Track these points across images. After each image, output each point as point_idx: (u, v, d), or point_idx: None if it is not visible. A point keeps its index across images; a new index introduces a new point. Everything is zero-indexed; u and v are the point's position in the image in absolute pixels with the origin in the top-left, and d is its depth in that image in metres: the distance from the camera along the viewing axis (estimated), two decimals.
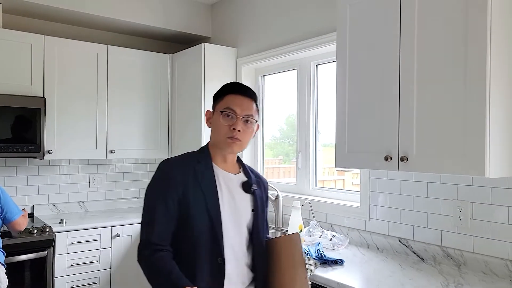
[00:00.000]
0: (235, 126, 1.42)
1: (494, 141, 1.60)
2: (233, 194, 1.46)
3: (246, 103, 1.46)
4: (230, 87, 1.50)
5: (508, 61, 1.69)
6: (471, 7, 1.61)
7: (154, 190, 1.42)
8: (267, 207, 1.62)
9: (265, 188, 1.61)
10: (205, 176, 1.43)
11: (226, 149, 1.46)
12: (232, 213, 1.44)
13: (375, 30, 1.95)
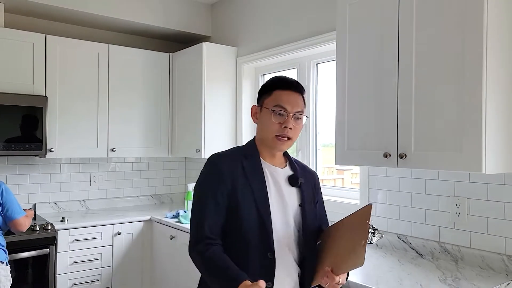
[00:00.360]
0: (287, 124, 1.41)
1: (490, 138, 1.63)
2: (281, 188, 1.44)
3: (296, 99, 1.43)
4: (278, 83, 1.46)
5: (504, 60, 1.72)
6: (468, 6, 1.64)
7: (203, 184, 1.41)
8: (319, 200, 1.57)
9: (315, 181, 1.57)
10: (253, 171, 1.42)
11: (275, 148, 1.45)
12: (280, 208, 1.41)
13: (374, 29, 1.98)
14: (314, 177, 1.58)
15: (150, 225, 3.26)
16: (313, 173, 1.60)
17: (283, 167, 1.50)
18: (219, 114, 3.38)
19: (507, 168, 1.76)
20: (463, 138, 1.65)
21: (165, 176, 3.98)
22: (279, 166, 1.49)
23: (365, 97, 2.01)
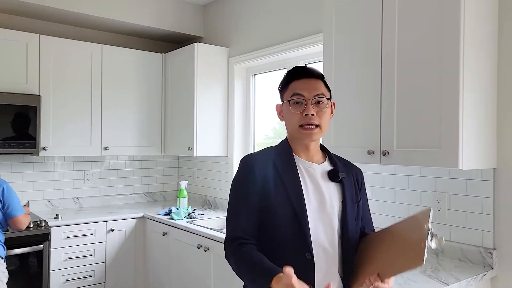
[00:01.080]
0: (307, 111, 1.32)
1: (467, 136, 1.72)
2: (319, 184, 1.36)
3: (313, 84, 1.35)
4: (292, 73, 1.40)
5: (480, 61, 1.81)
6: (445, 11, 1.73)
7: (237, 185, 1.39)
8: (363, 197, 1.47)
9: (358, 176, 1.47)
10: (286, 169, 1.36)
11: (304, 139, 1.36)
12: (319, 205, 1.34)
13: (359, 31, 2.06)
14: (357, 174, 1.47)
15: (143, 222, 3.32)
16: (356, 169, 1.49)
17: (321, 162, 1.41)
18: (211, 113, 3.44)
19: (484, 165, 1.85)
20: (442, 136, 1.74)
21: (158, 174, 4.03)
22: (317, 162, 1.40)
23: (350, 97, 2.09)
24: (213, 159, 3.67)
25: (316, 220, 1.32)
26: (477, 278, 1.81)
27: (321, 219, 1.33)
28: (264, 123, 3.47)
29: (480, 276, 1.82)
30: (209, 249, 2.61)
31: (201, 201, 3.79)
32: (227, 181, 3.50)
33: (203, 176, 3.81)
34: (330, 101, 1.39)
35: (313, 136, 1.34)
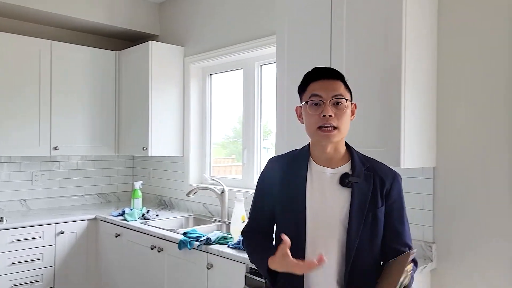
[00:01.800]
0: (325, 112, 1.29)
1: (409, 136, 1.82)
2: (325, 191, 1.33)
3: (331, 85, 1.32)
4: (311, 75, 1.37)
5: (422, 67, 1.91)
6: (389, 17, 1.82)
7: (257, 184, 1.50)
8: (392, 206, 1.35)
9: (387, 182, 1.35)
10: (297, 173, 1.36)
11: (322, 141, 1.32)
12: (321, 212, 1.32)
13: (310, 33, 2.12)
14: (386, 180, 1.35)
15: (95, 223, 3.23)
16: (388, 174, 1.37)
17: (340, 165, 1.36)
18: (166, 113, 3.41)
19: (424, 163, 1.97)
20: (386, 137, 1.83)
21: (112, 174, 3.94)
22: (336, 166, 1.35)
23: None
24: (168, 159, 3.63)
25: (317, 226, 1.32)
26: (418, 270, 1.90)
27: (322, 227, 1.31)
28: (225, 123, 3.47)
29: (420, 268, 1.92)
30: (163, 250, 2.59)
31: (157, 201, 3.75)
32: (183, 181, 3.48)
33: (159, 176, 3.76)
34: (350, 102, 1.35)
35: (330, 138, 1.30)
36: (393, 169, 1.41)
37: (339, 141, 1.34)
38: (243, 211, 2.51)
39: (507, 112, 1.83)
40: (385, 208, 1.35)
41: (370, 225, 1.31)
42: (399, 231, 1.37)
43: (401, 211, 1.38)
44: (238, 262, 2.12)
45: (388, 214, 1.35)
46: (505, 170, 1.83)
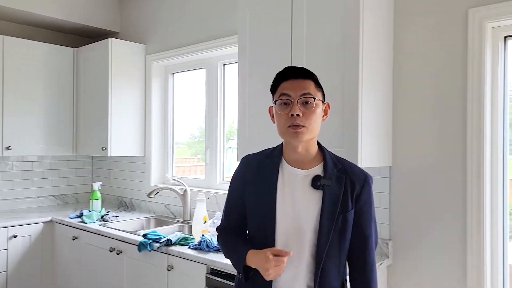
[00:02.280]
0: (293, 111, 1.28)
1: (366, 137, 1.87)
2: (295, 193, 1.32)
3: (300, 84, 1.31)
4: (281, 74, 1.36)
5: (379, 70, 1.97)
6: (347, 19, 1.86)
7: (230, 182, 1.49)
8: (362, 209, 1.35)
9: (357, 185, 1.35)
10: (268, 173, 1.35)
11: (292, 141, 1.31)
12: (292, 214, 1.31)
13: (271, 33, 2.13)
14: (357, 182, 1.35)
15: (51, 226, 3.11)
16: (359, 177, 1.37)
17: (312, 167, 1.35)
18: (127, 112, 3.33)
19: (381, 163, 2.02)
20: (344, 137, 1.87)
21: (70, 175, 3.81)
22: (306, 167, 1.34)
23: (265, 97, 2.15)
24: (129, 159, 3.55)
25: (287, 228, 1.31)
26: None
27: (292, 229, 1.31)
28: (190, 122, 3.43)
29: (377, 265, 1.97)
30: (122, 252, 2.53)
31: (117, 202, 3.66)
32: (144, 181, 3.41)
33: (119, 176, 3.67)
34: (321, 101, 1.34)
35: (299, 136, 1.28)
36: (364, 171, 1.41)
37: (309, 140, 1.33)
38: (205, 211, 2.49)
39: (460, 113, 1.91)
40: (354, 211, 1.35)
41: (339, 228, 1.31)
42: (366, 234, 1.37)
43: (369, 214, 1.38)
44: (199, 263, 2.10)
45: (357, 217, 1.36)
46: (457, 170, 1.92)
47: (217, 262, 2.01)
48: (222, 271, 2.00)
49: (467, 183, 1.88)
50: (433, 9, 1.97)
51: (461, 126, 1.90)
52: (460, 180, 1.91)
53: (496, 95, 1.86)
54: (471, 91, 1.86)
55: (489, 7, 1.81)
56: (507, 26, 1.83)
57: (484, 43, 1.83)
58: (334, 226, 1.30)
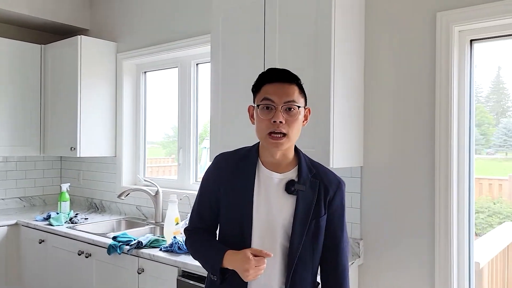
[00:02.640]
0: (275, 118, 1.25)
1: (338, 138, 1.88)
2: (271, 196, 1.31)
3: (285, 89, 1.28)
4: (265, 76, 1.33)
5: (351, 73, 1.99)
6: (319, 21, 1.87)
7: (202, 181, 1.44)
8: (334, 214, 1.37)
9: (330, 190, 1.36)
10: (245, 175, 1.33)
11: (271, 148, 1.30)
12: (266, 217, 1.30)
13: (244, 34, 2.12)
14: (330, 187, 1.37)
15: (16, 229, 3.00)
16: (333, 182, 1.38)
17: (287, 171, 1.35)
18: (97, 111, 3.24)
19: (352, 163, 2.04)
20: (316, 138, 1.87)
21: (37, 176, 3.68)
22: (283, 170, 1.34)
23: (237, 98, 2.14)
24: (100, 160, 3.46)
25: (261, 232, 1.31)
26: None
27: (266, 232, 1.31)
28: (164, 122, 3.37)
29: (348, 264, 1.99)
30: (91, 255, 2.46)
31: (87, 204, 3.56)
32: (115, 182, 3.33)
33: (89, 177, 3.57)
34: (304, 108, 1.33)
35: (279, 146, 1.28)
36: (338, 177, 1.42)
37: (288, 147, 1.33)
38: (177, 212, 2.45)
39: (428, 115, 1.95)
40: (327, 216, 1.36)
41: (312, 233, 1.32)
42: (338, 238, 1.39)
43: (342, 219, 1.40)
44: (170, 266, 2.07)
45: (329, 221, 1.37)
46: (426, 169, 1.96)
47: (189, 264, 1.98)
48: (194, 273, 1.97)
49: (435, 182, 1.92)
50: (403, 11, 2.01)
51: (430, 127, 1.94)
52: (428, 179, 1.95)
53: (463, 96, 1.91)
54: (439, 92, 1.91)
55: (456, 11, 1.85)
56: (473, 30, 1.88)
57: (452, 46, 1.88)
58: (307, 231, 1.31)
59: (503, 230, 3.09)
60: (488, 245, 2.77)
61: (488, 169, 4.14)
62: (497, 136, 3.87)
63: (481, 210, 3.80)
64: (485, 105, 3.50)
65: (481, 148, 3.71)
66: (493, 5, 1.76)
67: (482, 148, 3.74)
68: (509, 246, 2.87)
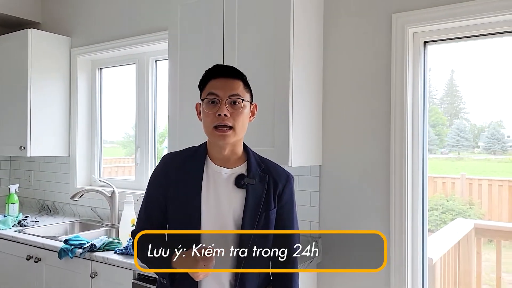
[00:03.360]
0: (220, 111, 1.27)
1: (297, 137, 1.88)
2: (219, 192, 1.33)
3: (230, 84, 1.30)
4: (211, 72, 1.34)
5: (309, 74, 1.99)
6: (279, 19, 1.86)
7: (149, 181, 1.42)
8: (284, 208, 1.39)
9: (280, 184, 1.38)
10: (193, 172, 1.34)
11: (218, 142, 1.31)
12: (216, 212, 1.32)
13: (203, 31, 2.08)
14: (279, 182, 1.39)
15: None
16: (282, 176, 1.41)
17: (236, 166, 1.36)
18: (49, 108, 3.09)
19: (311, 162, 2.05)
20: (275, 137, 1.87)
21: None
22: (232, 166, 1.36)
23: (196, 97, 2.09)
24: (52, 159, 3.30)
25: (212, 226, 1.31)
26: (305, 264, 1.98)
27: (217, 226, 1.31)
28: (124, 121, 3.25)
29: (307, 263, 2.00)
30: (40, 260, 2.33)
31: (38, 206, 3.39)
32: (69, 183, 3.19)
33: (41, 178, 3.40)
34: (249, 102, 1.35)
35: (226, 138, 1.29)
36: (286, 171, 1.44)
37: (236, 142, 1.34)
38: (133, 214, 2.37)
39: (384, 115, 1.99)
40: (276, 209, 1.38)
41: (262, 227, 1.34)
42: (285, 233, 1.41)
43: (291, 213, 1.43)
44: (125, 269, 2.00)
45: (279, 216, 1.39)
46: (381, 169, 1.99)
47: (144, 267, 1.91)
48: (149, 276, 1.91)
49: (391, 180, 1.96)
50: (360, 13, 2.04)
51: (385, 127, 1.98)
52: (384, 178, 1.98)
53: (417, 97, 1.96)
54: (394, 93, 1.95)
55: (410, 13, 1.90)
56: (427, 32, 1.94)
57: (406, 48, 1.92)
58: (257, 224, 1.33)
59: (454, 226, 3.22)
60: (441, 241, 2.87)
61: (442, 168, 4.32)
62: (451, 136, 4.04)
63: (435, 207, 3.95)
64: (439, 107, 3.65)
65: (436, 148, 3.85)
66: (446, 7, 1.82)
67: (436, 148, 3.88)
68: (460, 241, 3.00)
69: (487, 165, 4.36)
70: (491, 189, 4.23)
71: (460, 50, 2.63)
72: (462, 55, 2.73)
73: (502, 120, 3.91)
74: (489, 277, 3.22)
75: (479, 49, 2.65)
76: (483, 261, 3.10)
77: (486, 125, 4.07)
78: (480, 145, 4.03)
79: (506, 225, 3.43)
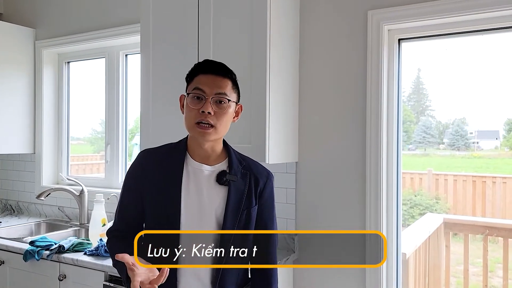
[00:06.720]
0: (204, 108, 1.24)
1: (273, 134, 1.86)
2: (202, 188, 1.30)
3: (218, 81, 1.28)
4: (200, 66, 1.32)
5: (286, 62, 1.97)
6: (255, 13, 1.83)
7: (125, 178, 1.38)
8: (264, 205, 1.39)
9: (260, 182, 1.38)
10: (172, 169, 1.30)
11: (198, 138, 1.29)
12: (198, 209, 1.29)
13: (177, 22, 2.02)
14: (261, 178, 1.39)
15: None
16: (263, 173, 1.41)
17: (217, 163, 1.35)
18: (11, 104, 2.93)
19: (288, 159, 2.04)
20: (252, 134, 1.84)
21: None
22: (210, 163, 1.34)
23: (170, 90, 2.03)
24: (15, 157, 3.15)
25: (191, 226, 1.29)
26: (282, 261, 1.97)
27: (197, 225, 1.29)
28: (91, 117, 3.13)
29: (283, 260, 1.99)
30: (4, 263, 2.22)
31: (1, 206, 3.22)
32: (34, 182, 3.05)
33: (4, 177, 3.24)
34: (235, 103, 1.33)
35: (206, 136, 1.27)
36: (266, 169, 1.44)
37: (216, 140, 1.32)
38: (104, 213, 2.30)
39: (360, 112, 2.00)
40: (257, 207, 1.39)
41: (243, 224, 1.34)
42: (268, 228, 1.42)
43: (271, 210, 1.43)
44: (95, 270, 1.92)
45: (259, 212, 1.40)
46: (357, 164, 2.00)
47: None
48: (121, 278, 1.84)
49: (366, 176, 1.97)
50: (336, 9, 2.03)
51: (361, 124, 1.99)
52: (359, 174, 2.00)
53: (392, 94, 1.98)
54: (369, 90, 1.96)
55: (385, 10, 1.91)
56: (401, 29, 1.96)
57: (382, 45, 1.93)
58: (238, 221, 1.32)
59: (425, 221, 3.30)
60: (413, 235, 2.93)
61: (409, 164, 4.43)
62: (417, 133, 4.14)
63: (404, 202, 4.05)
64: (407, 104, 3.73)
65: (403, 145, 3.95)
66: (420, 5, 1.84)
67: (404, 145, 3.97)
68: (431, 236, 3.08)
69: (452, 161, 4.52)
70: (456, 184, 4.38)
71: (426, 49, 2.69)
72: (428, 54, 2.79)
73: (465, 117, 4.05)
74: (455, 270, 3.32)
75: (444, 48, 2.72)
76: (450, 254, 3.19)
77: (451, 122, 4.20)
78: (445, 141, 4.16)
79: (473, 219, 3.55)
